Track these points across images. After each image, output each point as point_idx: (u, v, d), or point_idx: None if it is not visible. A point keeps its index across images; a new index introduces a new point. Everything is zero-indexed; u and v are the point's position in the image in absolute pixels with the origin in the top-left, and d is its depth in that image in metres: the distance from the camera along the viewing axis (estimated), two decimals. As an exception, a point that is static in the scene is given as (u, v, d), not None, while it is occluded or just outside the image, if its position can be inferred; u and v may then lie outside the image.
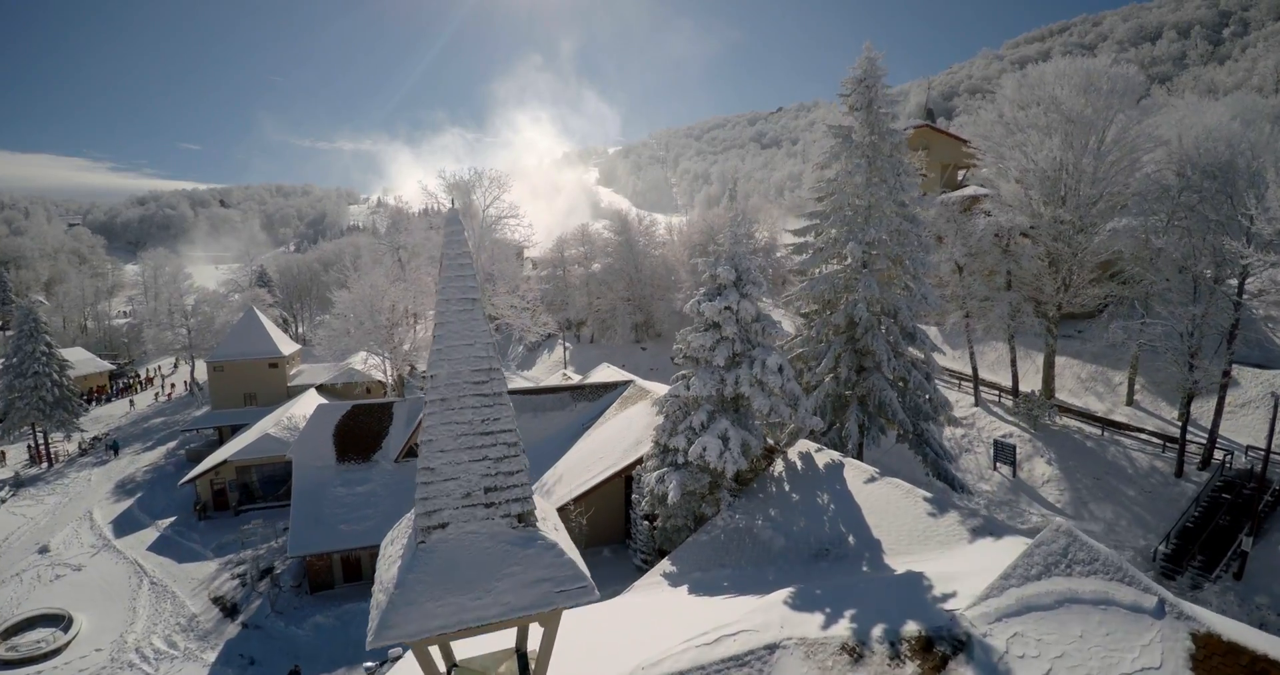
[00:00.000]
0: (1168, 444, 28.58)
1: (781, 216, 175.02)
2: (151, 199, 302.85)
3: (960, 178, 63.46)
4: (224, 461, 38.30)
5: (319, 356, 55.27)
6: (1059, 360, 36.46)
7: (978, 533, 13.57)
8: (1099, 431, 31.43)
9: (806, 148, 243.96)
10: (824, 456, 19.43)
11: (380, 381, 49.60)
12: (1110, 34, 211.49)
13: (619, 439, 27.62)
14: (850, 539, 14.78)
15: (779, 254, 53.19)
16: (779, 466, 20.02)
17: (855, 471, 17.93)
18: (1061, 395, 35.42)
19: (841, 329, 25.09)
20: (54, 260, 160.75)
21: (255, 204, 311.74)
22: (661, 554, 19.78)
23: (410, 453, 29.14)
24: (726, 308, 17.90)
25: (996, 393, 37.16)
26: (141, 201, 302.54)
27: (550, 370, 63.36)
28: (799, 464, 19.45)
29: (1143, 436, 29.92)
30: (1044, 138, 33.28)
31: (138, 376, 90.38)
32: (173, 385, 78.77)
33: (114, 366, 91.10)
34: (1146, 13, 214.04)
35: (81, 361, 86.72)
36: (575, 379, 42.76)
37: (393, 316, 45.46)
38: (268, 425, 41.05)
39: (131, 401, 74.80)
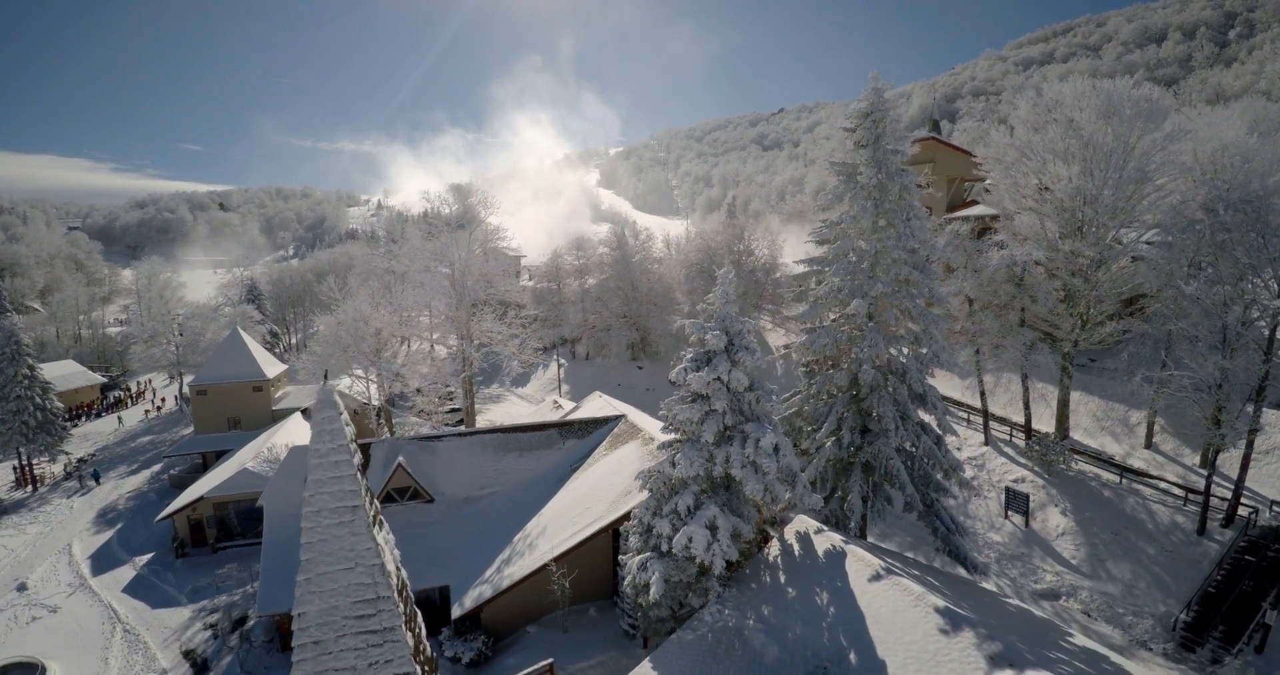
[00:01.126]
0: (1190, 494, 27.00)
1: (782, 224, 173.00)
2: (150, 202, 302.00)
3: (967, 192, 61.81)
4: (200, 497, 36.89)
5: (304, 379, 53.93)
6: (1074, 394, 34.68)
7: (995, 662, 12.00)
8: (1117, 478, 29.73)
9: (808, 150, 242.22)
10: (824, 540, 17.79)
11: (367, 404, 48.20)
12: (1115, 35, 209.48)
13: (607, 486, 26.14)
14: (851, 656, 13.19)
15: (778, 273, 51.54)
16: (774, 549, 18.42)
17: (858, 565, 16.26)
18: (1076, 434, 33.69)
19: (844, 388, 23.40)
20: (50, 267, 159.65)
21: (254, 207, 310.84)
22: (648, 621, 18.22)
23: (388, 498, 27.73)
24: (716, 378, 16.33)
25: (1007, 429, 35.39)
26: (141, 205, 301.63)
27: (545, 387, 61.98)
28: (796, 548, 17.82)
29: (1163, 485, 28.35)
30: (1062, 165, 31.39)
31: (129, 390, 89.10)
32: (163, 400, 77.49)
33: (105, 379, 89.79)
34: (1151, 13, 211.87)
35: (72, 375, 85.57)
36: (567, 407, 41.29)
37: (377, 342, 44.10)
38: (246, 457, 39.64)
39: (120, 418, 73.52)
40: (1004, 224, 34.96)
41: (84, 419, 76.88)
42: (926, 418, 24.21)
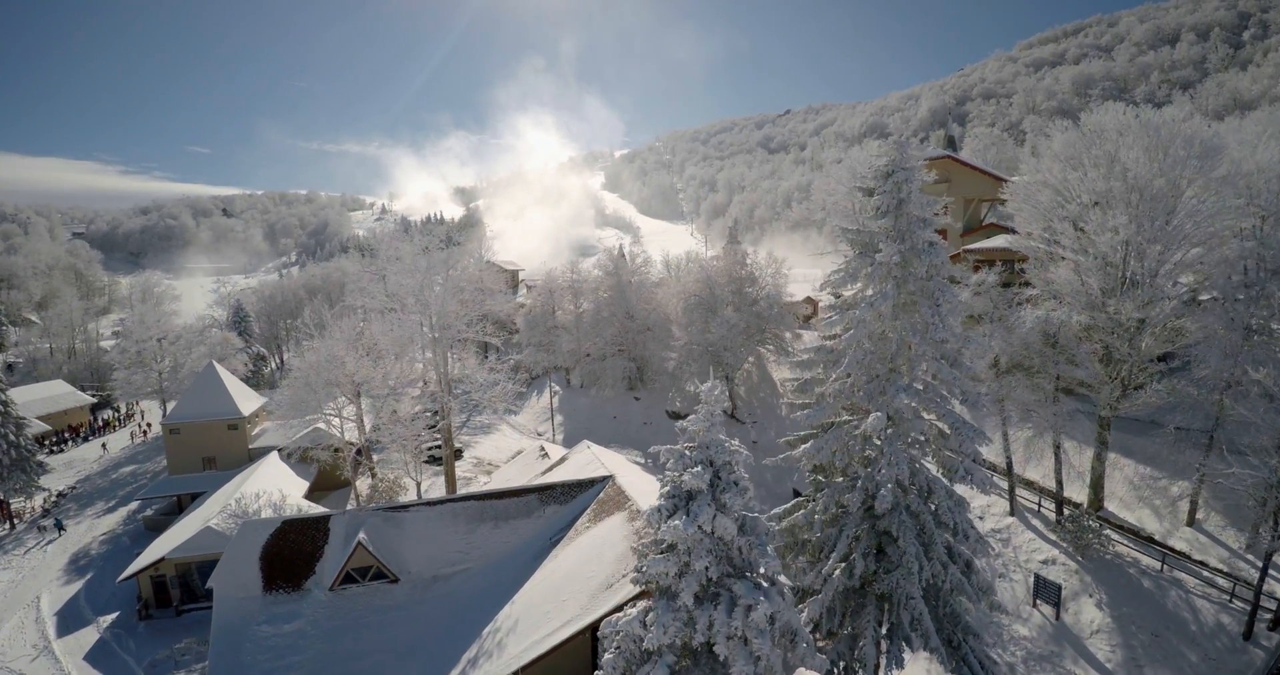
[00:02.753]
0: (1237, 586, 24.32)
1: (785, 233, 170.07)
2: (154, 208, 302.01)
3: (984, 213, 58.98)
4: (163, 558, 34.79)
5: (282, 417, 51.84)
6: (1109, 453, 30.98)
7: None
8: (1157, 565, 26.79)
9: (814, 153, 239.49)
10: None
11: (351, 442, 46.02)
12: (1127, 36, 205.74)
13: (587, 573, 23.74)
14: None
15: (782, 303, 48.78)
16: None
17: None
18: (1111, 505, 30.45)
19: (857, 507, 19.99)
20: (49, 277, 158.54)
21: (258, 213, 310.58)
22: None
23: (348, 578, 25.45)
24: (698, 527, 13.21)
25: (1036, 497, 32.12)
26: (144, 211, 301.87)
27: (538, 416, 59.65)
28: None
29: (1206, 573, 25.64)
30: (1104, 212, 27.44)
31: (118, 412, 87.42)
32: (149, 425, 75.70)
33: (95, 399, 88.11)
34: (1163, 13, 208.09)
35: (60, 396, 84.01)
36: (554, 453, 38.90)
37: (353, 383, 41.91)
38: (213, 510, 37.53)
39: (104, 445, 71.71)
40: (1035, 271, 31.14)
41: (70, 443, 75.23)
42: (957, 543, 20.75)
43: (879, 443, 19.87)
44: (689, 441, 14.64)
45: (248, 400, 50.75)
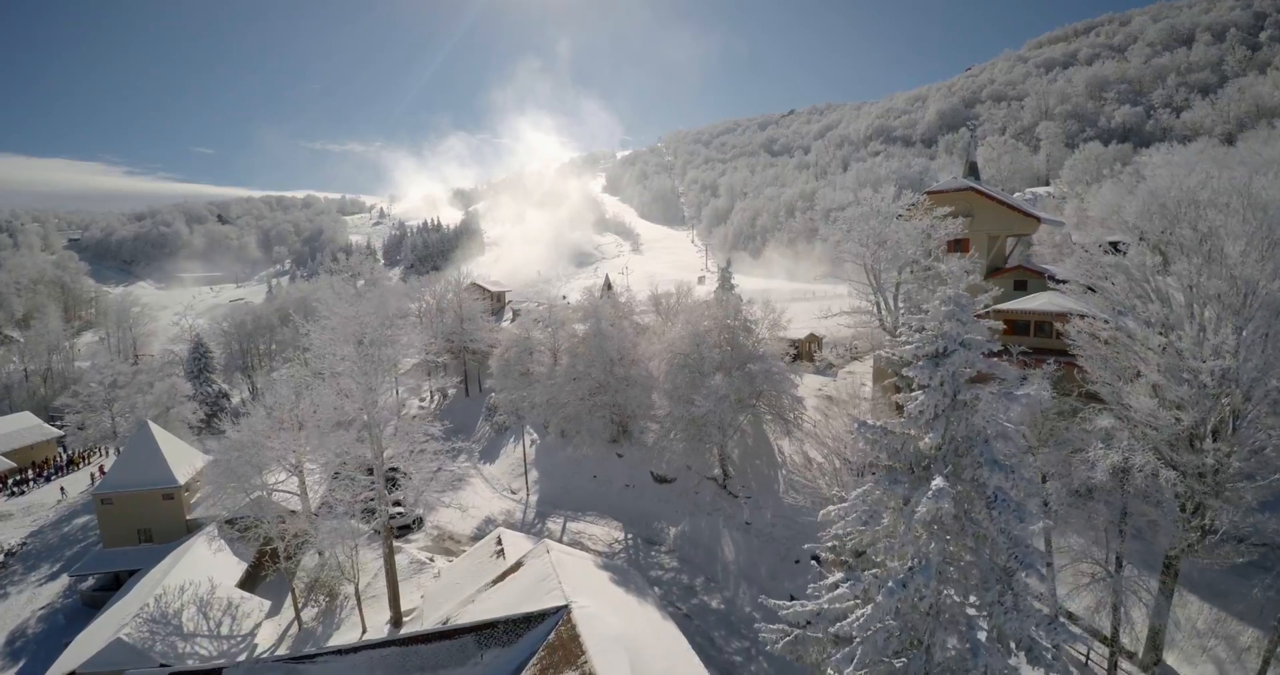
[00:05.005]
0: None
1: (788, 245, 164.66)
2: (149, 215, 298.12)
3: (1010, 250, 53.63)
4: (73, 672, 30.63)
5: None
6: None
7: None
8: None
9: (818, 157, 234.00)
10: None
11: (294, 511, 41.72)
12: (1140, 35, 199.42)
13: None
14: None
15: (780, 365, 43.72)
16: None
17: None
18: (1171, 657, 24.79)
19: None
20: (33, 293, 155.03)
21: (253, 219, 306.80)
22: None
23: (243, 752, 21.18)
24: None
25: (1085, 641, 26.03)
26: (139, 217, 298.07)
27: (512, 469, 54.93)
28: None
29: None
30: (1200, 308, 21.38)
31: (84, 452, 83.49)
32: (102, 469, 71.78)
33: (63, 431, 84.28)
34: (1176, 12, 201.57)
35: (27, 430, 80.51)
36: (513, 550, 34.38)
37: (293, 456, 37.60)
38: (129, 609, 33.32)
39: (63, 488, 67.77)
40: (1102, 377, 24.66)
41: (33, 484, 71.46)
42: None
43: None
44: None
45: (187, 464, 46.33)
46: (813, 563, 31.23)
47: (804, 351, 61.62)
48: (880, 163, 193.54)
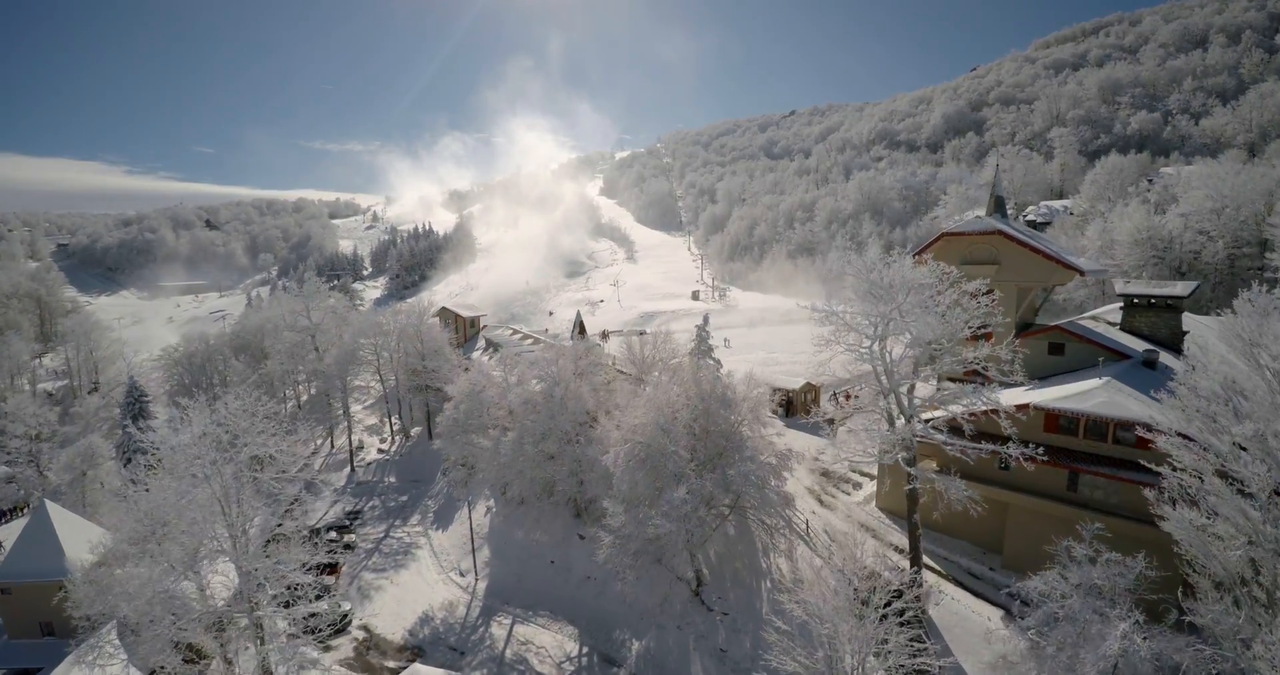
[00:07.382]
0: None
1: (787, 259, 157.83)
2: (135, 220, 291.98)
3: (1040, 302, 46.64)
4: None
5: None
6: None
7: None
8: None
9: (819, 162, 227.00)
10: None
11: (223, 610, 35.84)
12: (1152, 36, 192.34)
13: None
14: None
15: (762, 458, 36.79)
16: None
17: None
18: None
19: None
20: (5, 309, 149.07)
21: (241, 224, 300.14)
22: None
23: None
24: None
25: None
26: (126, 223, 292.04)
27: (461, 544, 47.90)
28: None
29: None
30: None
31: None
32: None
33: (10, 471, 78.52)
34: (1188, 12, 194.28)
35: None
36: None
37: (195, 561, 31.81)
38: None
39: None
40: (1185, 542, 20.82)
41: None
42: None
43: None
44: None
45: (89, 547, 40.50)
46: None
47: (799, 403, 55.29)
48: (884, 169, 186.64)
